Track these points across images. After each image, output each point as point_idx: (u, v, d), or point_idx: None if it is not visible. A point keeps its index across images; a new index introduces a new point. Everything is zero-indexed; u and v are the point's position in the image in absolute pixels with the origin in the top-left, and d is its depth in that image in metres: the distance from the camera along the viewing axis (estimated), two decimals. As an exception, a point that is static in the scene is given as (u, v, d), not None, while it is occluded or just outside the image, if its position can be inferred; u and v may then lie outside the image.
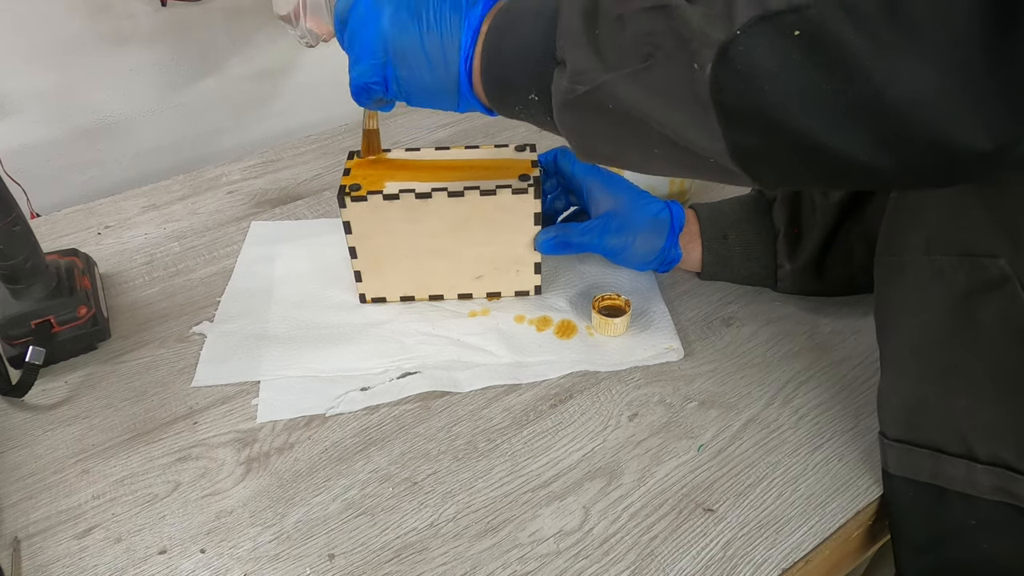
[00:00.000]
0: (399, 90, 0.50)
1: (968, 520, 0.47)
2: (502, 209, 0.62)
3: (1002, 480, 0.44)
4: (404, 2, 0.47)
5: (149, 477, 0.55)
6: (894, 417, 0.51)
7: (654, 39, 0.36)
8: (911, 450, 0.49)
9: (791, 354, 0.64)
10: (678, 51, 0.35)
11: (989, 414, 0.44)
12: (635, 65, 0.37)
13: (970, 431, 0.45)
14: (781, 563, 0.49)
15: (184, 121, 0.99)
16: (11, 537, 0.51)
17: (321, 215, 0.82)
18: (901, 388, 0.50)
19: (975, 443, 0.45)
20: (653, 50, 0.37)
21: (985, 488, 0.45)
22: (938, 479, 0.48)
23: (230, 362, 0.63)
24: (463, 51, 0.47)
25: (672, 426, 0.57)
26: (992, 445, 0.45)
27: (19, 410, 0.60)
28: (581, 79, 0.40)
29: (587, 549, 0.49)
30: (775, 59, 0.32)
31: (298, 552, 0.50)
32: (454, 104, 0.50)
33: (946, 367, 0.46)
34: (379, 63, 0.49)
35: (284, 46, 1.03)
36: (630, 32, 0.38)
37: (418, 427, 0.58)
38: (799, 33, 0.31)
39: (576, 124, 0.44)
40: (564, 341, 0.65)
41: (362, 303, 0.69)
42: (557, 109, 0.43)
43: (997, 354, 0.43)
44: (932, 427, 0.48)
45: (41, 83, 0.87)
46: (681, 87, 0.35)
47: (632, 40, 0.37)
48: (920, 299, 0.47)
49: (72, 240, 0.79)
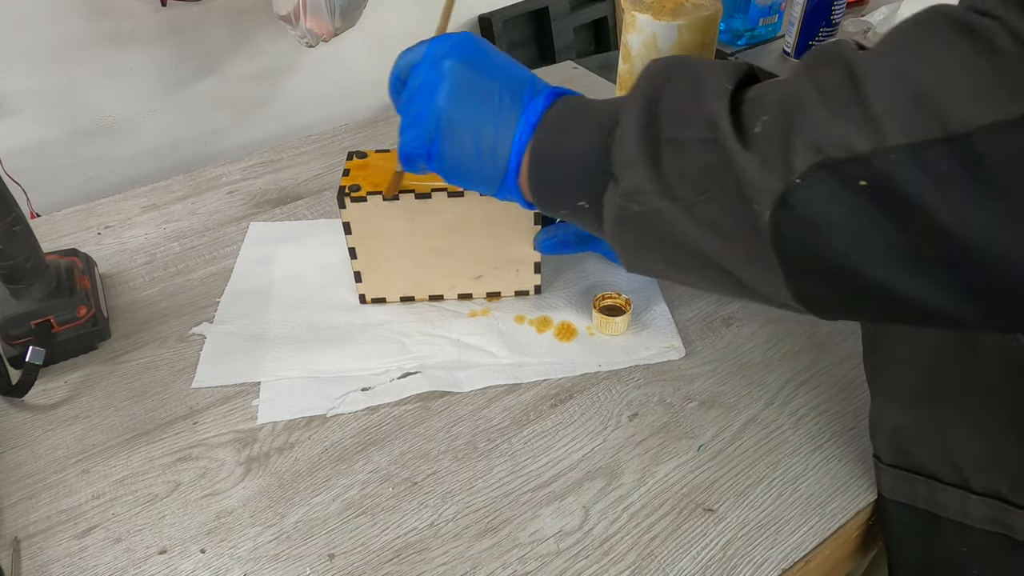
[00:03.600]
0: (440, 167, 0.48)
1: (960, 547, 0.47)
2: (502, 209, 0.62)
3: (996, 511, 0.44)
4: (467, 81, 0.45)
5: (149, 477, 0.55)
6: (887, 443, 0.51)
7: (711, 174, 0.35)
8: (905, 476, 0.49)
9: (791, 354, 0.64)
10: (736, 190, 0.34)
11: (984, 445, 0.44)
12: (693, 197, 0.36)
13: (964, 461, 0.45)
14: (781, 563, 0.49)
15: (184, 121, 0.99)
16: (11, 537, 0.51)
17: (321, 215, 0.82)
18: (892, 414, 0.50)
19: (970, 473, 0.45)
20: (711, 184, 0.35)
21: (979, 518, 0.45)
22: (932, 506, 0.47)
23: (230, 363, 0.63)
24: (515, 145, 0.44)
25: (672, 426, 0.57)
26: (986, 476, 0.44)
27: (19, 410, 0.60)
28: (637, 199, 0.38)
29: (587, 549, 0.49)
30: (840, 209, 0.30)
31: (298, 552, 0.50)
32: (493, 192, 0.48)
33: (940, 395, 0.46)
34: (427, 137, 0.46)
35: (284, 46, 1.03)
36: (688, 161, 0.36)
37: (418, 427, 0.58)
38: (866, 184, 0.29)
39: (630, 242, 0.42)
40: (565, 344, 0.65)
41: (362, 303, 0.69)
42: (609, 223, 0.41)
43: (992, 385, 0.42)
44: (926, 455, 0.47)
45: (41, 83, 0.87)
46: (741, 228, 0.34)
47: (690, 170, 0.36)
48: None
49: (72, 240, 0.79)
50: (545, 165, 0.44)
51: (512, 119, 0.45)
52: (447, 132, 0.46)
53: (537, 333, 0.66)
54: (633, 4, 0.68)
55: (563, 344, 0.64)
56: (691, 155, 0.36)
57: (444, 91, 0.45)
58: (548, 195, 0.45)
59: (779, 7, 1.12)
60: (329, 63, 1.11)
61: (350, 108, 1.30)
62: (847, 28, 1.09)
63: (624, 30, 0.69)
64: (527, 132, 0.44)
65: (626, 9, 0.68)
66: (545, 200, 0.46)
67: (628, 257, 0.44)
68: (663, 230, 0.38)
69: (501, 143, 0.45)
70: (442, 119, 0.46)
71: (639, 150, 0.38)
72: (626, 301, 0.66)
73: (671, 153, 0.37)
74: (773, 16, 1.12)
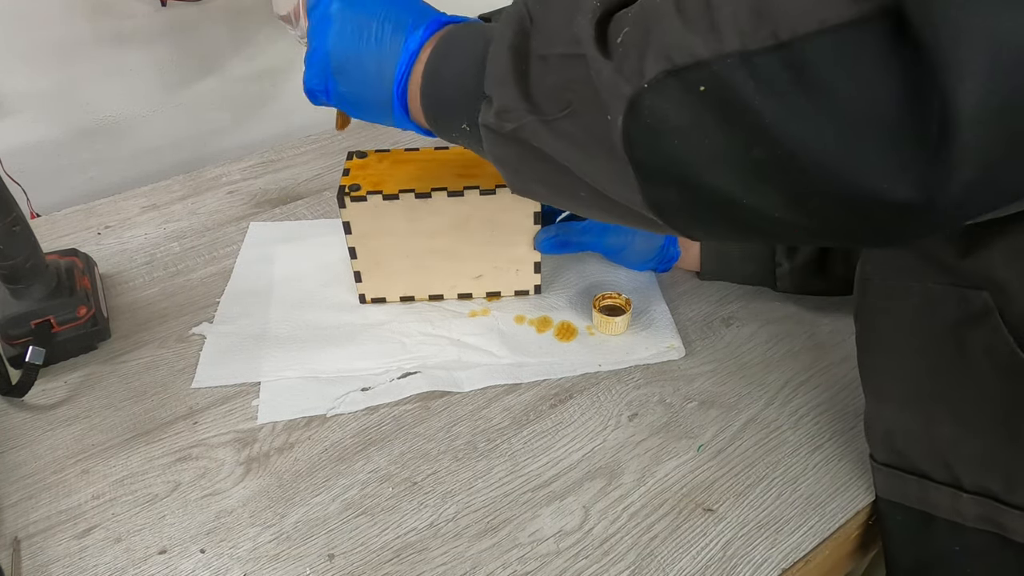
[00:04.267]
0: (339, 101, 0.50)
1: (953, 547, 0.47)
2: (502, 209, 0.62)
3: (987, 510, 0.44)
4: (352, 17, 0.47)
5: (149, 477, 0.55)
6: (880, 442, 0.51)
7: (572, 87, 0.36)
8: (898, 475, 0.49)
9: (791, 354, 0.64)
10: (593, 102, 0.35)
11: (975, 444, 0.44)
12: (556, 112, 0.37)
13: (956, 460, 0.45)
14: (781, 563, 0.49)
15: (184, 121, 0.99)
16: (11, 537, 0.51)
17: (321, 215, 0.82)
18: (885, 413, 0.50)
19: (961, 472, 0.45)
20: (572, 97, 0.36)
21: (970, 517, 0.45)
22: (924, 505, 0.48)
23: (230, 363, 0.63)
24: (398, 72, 0.46)
25: (672, 426, 0.57)
26: (978, 475, 0.44)
27: (19, 410, 0.60)
28: (507, 117, 0.40)
29: (587, 549, 0.49)
30: (683, 115, 0.31)
31: (298, 552, 0.50)
32: (390, 122, 0.50)
33: (932, 395, 0.46)
34: (323, 72, 0.49)
35: (284, 46, 1.03)
36: (552, 76, 0.37)
37: (418, 427, 0.58)
38: (704, 89, 0.30)
39: (505, 159, 0.43)
40: (565, 343, 0.65)
41: (362, 303, 0.69)
42: (488, 143, 0.43)
43: (983, 384, 0.42)
44: (918, 454, 0.48)
45: (41, 83, 0.87)
46: (598, 138, 0.35)
47: (554, 85, 0.37)
48: (911, 325, 0.46)
49: (72, 240, 0.79)
50: (431, 90, 0.46)
51: (396, 47, 0.46)
52: (337, 70, 0.48)
53: (537, 333, 0.66)
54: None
55: (563, 344, 0.64)
56: (556, 70, 0.37)
57: (333, 29, 0.48)
58: (437, 120, 0.47)
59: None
60: (329, 63, 1.10)
61: (350, 108, 1.29)
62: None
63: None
64: (409, 58, 0.46)
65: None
66: (436, 126, 0.47)
67: (510, 178, 0.45)
68: (533, 148, 0.39)
69: (386, 71, 0.47)
70: (330, 59, 0.48)
71: (509, 68, 0.39)
72: (626, 301, 0.66)
73: (538, 69, 0.38)
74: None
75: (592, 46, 0.35)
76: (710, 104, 0.31)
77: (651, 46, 0.32)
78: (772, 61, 0.28)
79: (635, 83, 0.32)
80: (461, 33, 0.46)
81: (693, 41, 0.30)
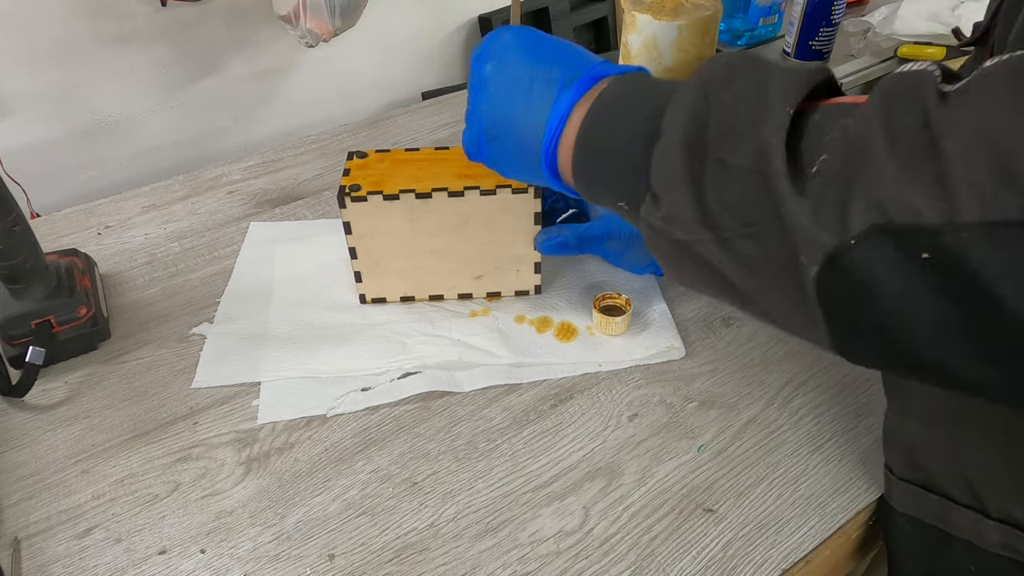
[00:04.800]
0: (492, 164, 0.49)
1: (968, 565, 0.46)
2: (502, 209, 0.62)
3: (1011, 538, 0.42)
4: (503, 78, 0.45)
5: (149, 477, 0.55)
6: (901, 456, 0.49)
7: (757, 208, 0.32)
8: (918, 492, 0.47)
9: (791, 354, 0.64)
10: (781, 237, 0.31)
11: (1002, 470, 0.42)
12: (735, 229, 0.33)
13: (981, 484, 0.43)
14: (781, 563, 0.49)
15: (184, 121, 0.99)
16: (11, 537, 0.51)
17: (321, 215, 0.82)
18: (908, 427, 0.48)
19: (986, 497, 0.43)
20: (757, 219, 0.32)
21: (993, 543, 0.43)
22: (944, 524, 0.46)
23: (230, 363, 0.63)
24: (547, 139, 0.43)
25: (672, 426, 0.57)
26: (1003, 502, 0.43)
27: (19, 410, 0.60)
28: (678, 226, 0.35)
29: (587, 549, 0.49)
30: (895, 279, 0.27)
31: (298, 552, 0.50)
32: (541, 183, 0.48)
33: (960, 413, 0.43)
34: (478, 136, 0.48)
35: (284, 46, 1.03)
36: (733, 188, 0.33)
37: (418, 427, 0.58)
38: (928, 257, 0.26)
39: (668, 259, 0.39)
40: (565, 344, 0.65)
41: (362, 303, 0.69)
42: (649, 238, 0.39)
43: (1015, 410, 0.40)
44: (940, 473, 0.46)
45: (41, 83, 0.87)
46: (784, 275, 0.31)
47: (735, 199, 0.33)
48: None
49: (72, 240, 0.79)
50: (584, 164, 0.42)
51: (543, 112, 0.44)
52: (490, 136, 0.47)
53: (537, 333, 0.66)
54: (633, 4, 0.68)
55: (563, 344, 0.64)
56: (737, 181, 0.33)
57: (485, 97, 0.46)
58: (592, 193, 0.44)
59: (779, 7, 1.12)
60: (329, 63, 1.11)
61: (350, 108, 1.30)
62: (847, 28, 1.09)
63: (624, 30, 0.70)
64: (556, 126, 0.43)
65: (626, 9, 0.68)
66: (590, 197, 0.44)
67: (668, 271, 0.41)
68: (703, 258, 0.36)
69: (533, 140, 0.45)
70: (483, 123, 0.47)
71: (681, 169, 0.35)
72: (626, 301, 0.66)
73: (716, 176, 0.34)
74: (773, 16, 1.12)
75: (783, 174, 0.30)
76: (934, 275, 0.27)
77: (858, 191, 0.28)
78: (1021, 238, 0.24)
79: (838, 236, 0.28)
80: (619, 92, 0.41)
81: (916, 199, 0.26)
